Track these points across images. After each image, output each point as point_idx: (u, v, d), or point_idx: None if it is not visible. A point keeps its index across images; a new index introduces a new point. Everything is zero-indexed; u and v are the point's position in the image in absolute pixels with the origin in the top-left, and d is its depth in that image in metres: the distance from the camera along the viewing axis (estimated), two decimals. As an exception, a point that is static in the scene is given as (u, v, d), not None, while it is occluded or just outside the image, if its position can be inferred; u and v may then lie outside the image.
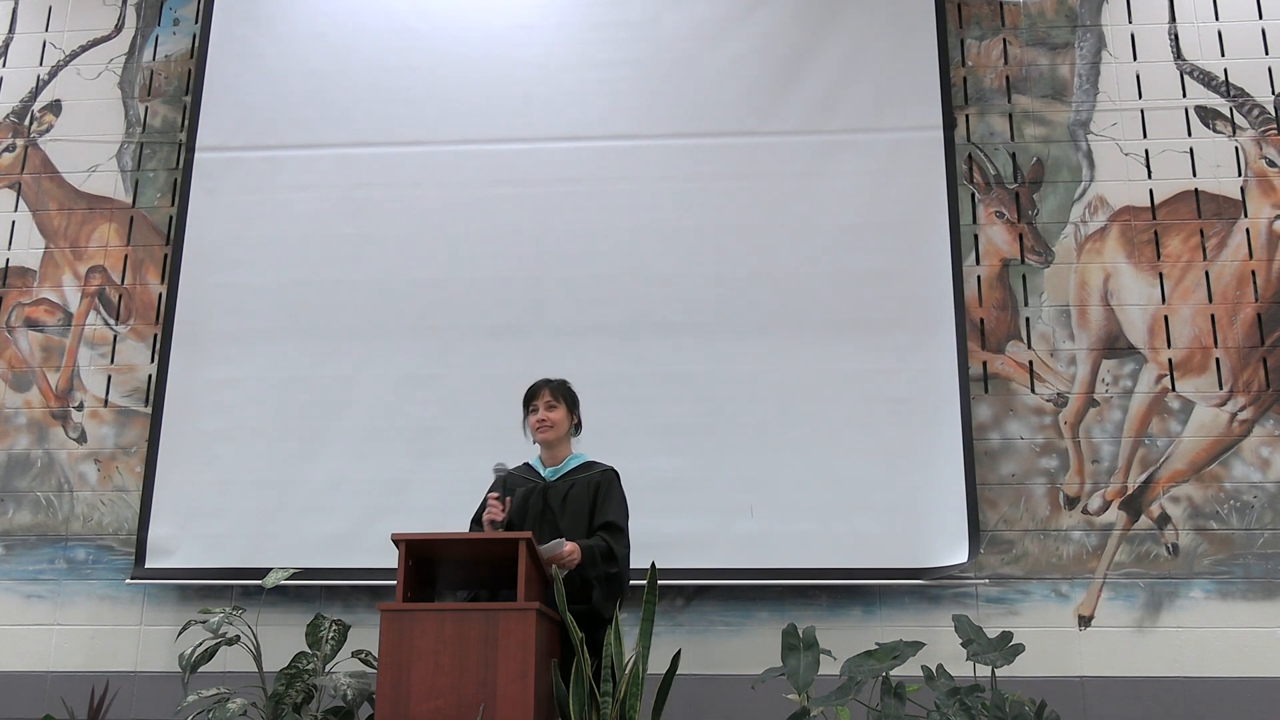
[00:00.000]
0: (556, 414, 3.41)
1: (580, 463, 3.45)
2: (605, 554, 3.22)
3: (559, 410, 3.42)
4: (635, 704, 2.98)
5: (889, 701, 3.09)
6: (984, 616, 4.25)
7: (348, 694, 3.64)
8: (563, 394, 3.45)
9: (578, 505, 3.33)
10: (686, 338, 4.58)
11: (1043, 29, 4.93)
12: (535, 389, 3.46)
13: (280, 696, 3.78)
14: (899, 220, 4.65)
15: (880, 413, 4.45)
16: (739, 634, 4.35)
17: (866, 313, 4.56)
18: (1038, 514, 4.42)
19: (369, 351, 4.67)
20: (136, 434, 4.75)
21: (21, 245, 5.04)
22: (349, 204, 4.84)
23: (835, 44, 4.85)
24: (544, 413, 3.41)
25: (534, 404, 3.44)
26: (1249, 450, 4.42)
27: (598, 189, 4.76)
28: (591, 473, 3.42)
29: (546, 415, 3.40)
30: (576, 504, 3.33)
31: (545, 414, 3.40)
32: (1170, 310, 4.58)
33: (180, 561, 4.53)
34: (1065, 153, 4.77)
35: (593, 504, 3.33)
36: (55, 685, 4.40)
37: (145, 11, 5.28)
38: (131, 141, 5.11)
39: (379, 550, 3.36)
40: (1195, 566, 4.32)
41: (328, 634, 3.94)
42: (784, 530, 4.35)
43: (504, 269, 4.71)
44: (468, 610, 2.82)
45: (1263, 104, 4.76)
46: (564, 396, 3.45)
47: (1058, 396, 4.52)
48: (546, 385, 3.45)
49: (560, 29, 4.97)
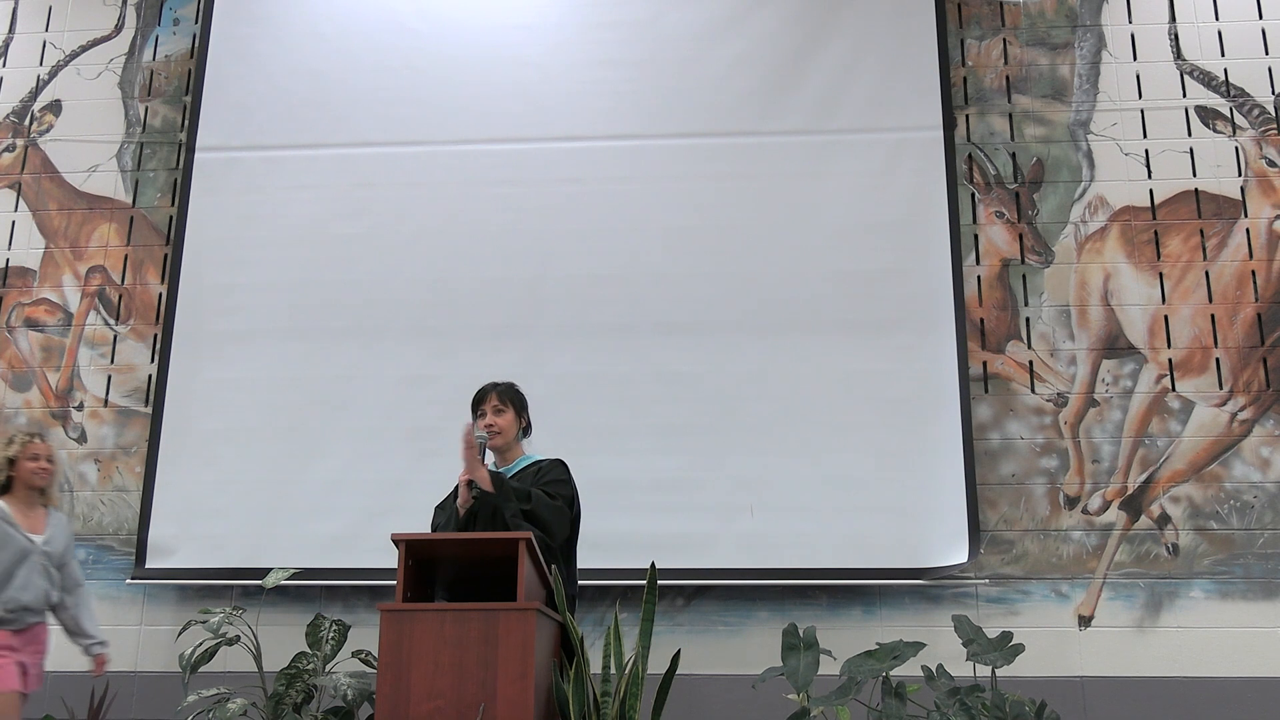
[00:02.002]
0: (504, 418, 3.37)
1: (529, 463, 3.40)
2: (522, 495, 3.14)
3: (507, 414, 3.38)
4: (635, 704, 2.98)
5: (889, 701, 3.09)
6: (984, 616, 4.26)
7: (348, 694, 3.64)
8: (510, 397, 3.40)
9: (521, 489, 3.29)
10: (686, 338, 4.58)
11: (1043, 29, 4.93)
12: (482, 393, 3.41)
13: (280, 696, 3.79)
14: (899, 220, 4.65)
15: (880, 413, 4.45)
16: (739, 634, 4.35)
17: (866, 313, 4.56)
18: (1038, 514, 4.42)
19: (369, 351, 4.67)
20: (136, 434, 4.75)
21: (21, 245, 5.04)
22: (349, 204, 4.84)
23: (835, 44, 4.85)
24: (491, 417, 3.36)
25: (481, 408, 3.39)
26: (1249, 450, 4.42)
27: (598, 189, 4.76)
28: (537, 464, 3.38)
29: (494, 420, 3.35)
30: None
31: (493, 419, 3.35)
32: (1170, 310, 4.58)
33: (180, 561, 4.53)
34: (1065, 153, 4.77)
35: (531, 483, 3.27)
36: (55, 685, 4.40)
37: (145, 11, 5.28)
38: (131, 141, 5.11)
39: (379, 550, 3.36)
40: (1195, 566, 4.32)
41: (328, 634, 3.95)
42: (784, 530, 4.35)
43: (504, 269, 4.71)
44: (468, 610, 2.82)
45: (1263, 104, 4.76)
46: (512, 400, 3.40)
47: (1058, 396, 4.52)
48: (494, 389, 3.40)
49: (560, 29, 4.97)
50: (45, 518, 3.81)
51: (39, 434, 3.91)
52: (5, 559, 3.62)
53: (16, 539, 3.66)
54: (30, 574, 3.65)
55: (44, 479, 3.80)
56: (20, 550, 3.66)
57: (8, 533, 3.66)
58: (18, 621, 3.61)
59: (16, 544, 3.66)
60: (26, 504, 3.78)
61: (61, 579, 3.78)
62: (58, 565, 3.77)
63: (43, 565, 3.70)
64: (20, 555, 3.65)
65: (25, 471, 3.76)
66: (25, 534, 3.70)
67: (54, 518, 3.84)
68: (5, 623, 3.58)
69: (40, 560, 3.69)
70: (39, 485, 3.80)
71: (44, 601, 3.70)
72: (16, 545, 3.65)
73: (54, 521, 3.83)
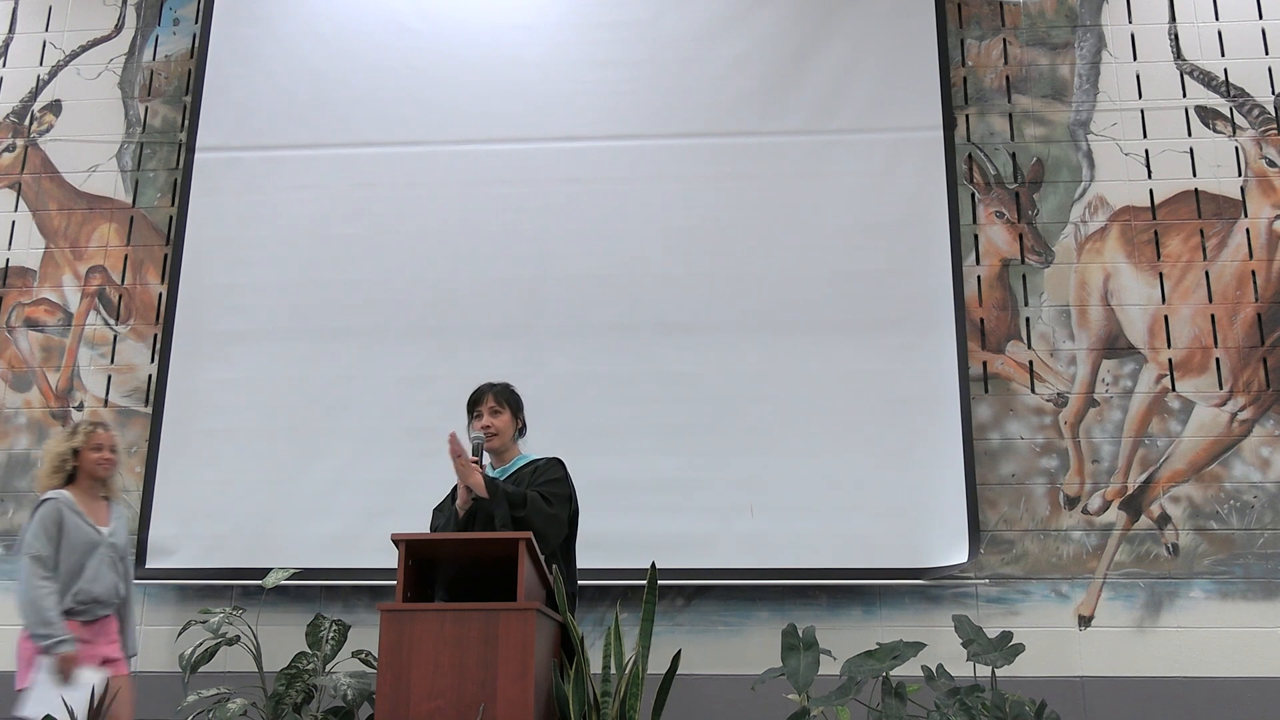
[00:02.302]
0: (501, 419, 3.37)
1: (526, 462, 3.40)
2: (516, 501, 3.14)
3: (503, 415, 3.38)
4: (635, 704, 2.98)
5: (889, 701, 3.09)
6: (984, 616, 4.26)
7: (348, 694, 3.65)
8: (506, 399, 3.41)
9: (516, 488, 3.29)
10: (686, 338, 4.58)
11: (1043, 29, 4.93)
12: (478, 394, 3.42)
13: (280, 696, 3.79)
14: (899, 220, 4.65)
15: (880, 413, 4.45)
16: (739, 634, 4.35)
17: (866, 313, 4.56)
18: (1038, 514, 4.42)
19: (369, 351, 4.67)
20: (136, 434, 4.75)
21: (21, 245, 5.04)
22: (349, 204, 4.84)
23: (835, 44, 4.85)
24: (488, 419, 3.36)
25: (478, 409, 3.39)
26: (1249, 450, 4.42)
27: (598, 189, 4.76)
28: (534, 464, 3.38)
29: (491, 421, 3.36)
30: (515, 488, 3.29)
31: (490, 420, 3.36)
32: (1170, 310, 4.58)
33: (180, 562, 4.53)
34: (1065, 153, 4.77)
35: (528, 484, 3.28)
36: (55, 685, 4.40)
37: (145, 11, 5.28)
38: (131, 141, 5.11)
39: (379, 550, 3.35)
40: (1195, 566, 4.32)
41: (328, 634, 3.95)
42: (784, 530, 4.35)
43: (504, 269, 4.71)
44: (468, 610, 2.82)
45: (1263, 104, 4.76)
46: (508, 401, 3.41)
47: (1058, 396, 4.52)
48: (490, 390, 3.41)
49: (560, 29, 4.97)
50: (108, 509, 3.73)
51: (102, 423, 3.80)
52: (76, 551, 3.54)
53: (86, 530, 3.58)
54: (100, 566, 3.57)
55: (107, 470, 3.70)
56: (90, 542, 3.58)
57: (77, 524, 3.58)
58: (88, 614, 3.54)
59: (86, 535, 3.58)
60: (90, 495, 3.69)
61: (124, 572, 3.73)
62: (121, 558, 3.71)
63: (111, 558, 3.64)
64: (90, 547, 3.57)
65: (89, 462, 3.67)
66: (93, 525, 3.62)
67: (115, 510, 3.77)
68: (75, 614, 3.50)
69: (108, 552, 3.63)
70: (102, 476, 3.70)
71: (114, 594, 3.63)
72: (86, 537, 3.58)
73: (116, 514, 3.76)
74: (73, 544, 3.55)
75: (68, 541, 3.55)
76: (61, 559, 3.53)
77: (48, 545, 3.52)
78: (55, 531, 3.54)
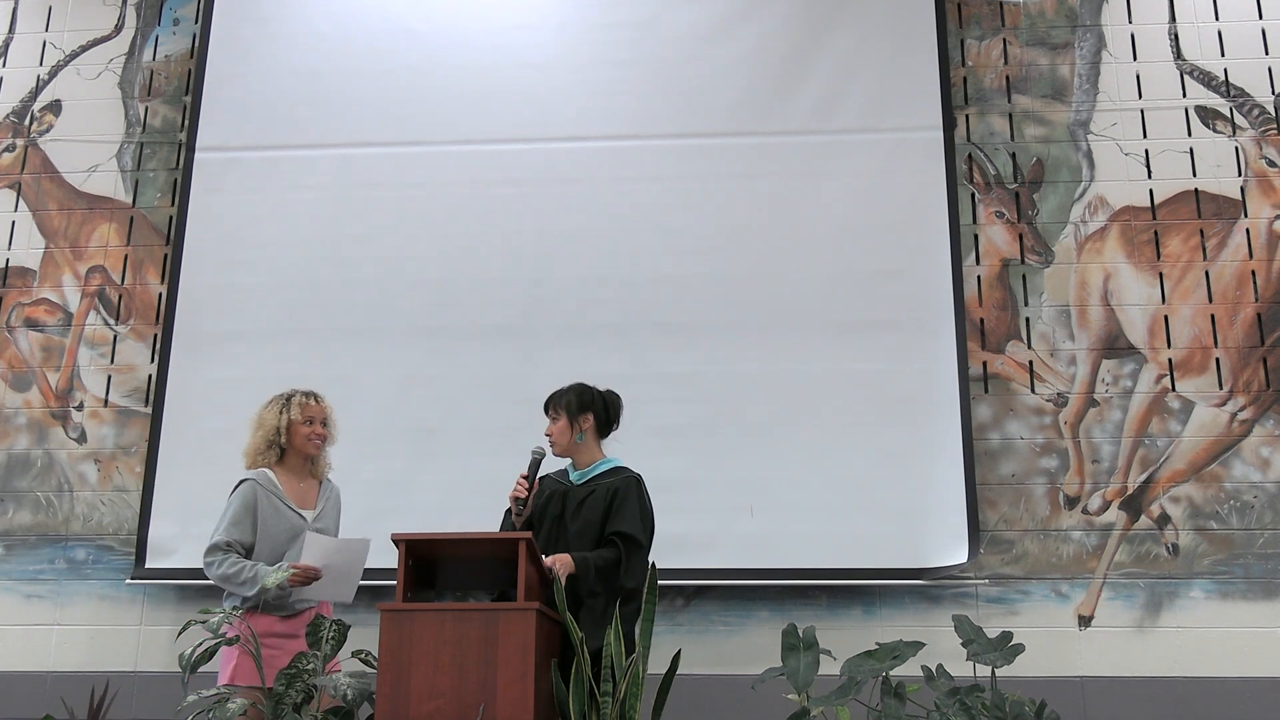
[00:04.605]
0: (556, 426, 3.37)
1: (608, 468, 3.38)
2: (605, 568, 3.17)
3: (560, 422, 3.37)
4: (635, 704, 2.98)
5: (889, 701, 3.09)
6: (984, 616, 4.25)
7: (348, 694, 3.64)
8: (562, 404, 3.39)
9: (591, 512, 3.28)
10: (686, 338, 4.58)
11: (1043, 29, 4.93)
12: (545, 401, 3.44)
13: (280, 696, 3.78)
14: (899, 220, 4.65)
15: (880, 413, 4.45)
16: (739, 634, 4.35)
17: (866, 313, 4.56)
18: (1038, 514, 4.41)
19: (369, 351, 4.67)
20: (136, 434, 4.75)
21: (21, 245, 5.04)
22: (349, 204, 4.84)
23: (835, 44, 4.85)
24: (549, 426, 3.40)
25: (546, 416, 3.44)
26: (1249, 450, 4.42)
27: (598, 189, 4.76)
28: (613, 479, 3.34)
29: (550, 429, 3.39)
30: (590, 510, 3.28)
31: (550, 427, 3.39)
32: (1170, 310, 4.58)
33: (180, 561, 4.53)
34: (1065, 153, 4.77)
35: (606, 511, 3.26)
36: (55, 685, 4.40)
37: (145, 11, 5.28)
38: (131, 141, 5.11)
39: (379, 550, 3.35)
40: (1195, 566, 4.32)
41: (328, 634, 3.94)
42: (784, 530, 4.35)
43: (504, 269, 4.71)
44: (468, 610, 2.82)
45: (1263, 104, 4.76)
46: (564, 407, 3.39)
47: (1058, 396, 4.52)
48: (550, 397, 3.43)
49: (560, 29, 4.97)
50: (316, 490, 3.42)
51: (315, 393, 3.43)
52: (273, 538, 3.25)
53: (288, 515, 3.29)
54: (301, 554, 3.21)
55: (318, 447, 3.39)
56: (292, 529, 3.27)
57: (279, 508, 3.29)
58: (286, 608, 3.26)
59: (288, 521, 3.28)
60: (298, 475, 3.38)
61: None
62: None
63: None
64: (292, 534, 3.26)
65: (300, 437, 3.35)
66: (297, 509, 3.33)
67: (325, 489, 3.45)
68: (272, 608, 3.23)
69: None
70: (312, 454, 3.40)
71: None
72: (288, 523, 3.28)
73: (325, 494, 3.44)
74: (269, 531, 3.25)
75: (264, 528, 3.25)
76: (258, 546, 3.24)
77: (236, 531, 3.23)
78: (247, 518, 3.25)
